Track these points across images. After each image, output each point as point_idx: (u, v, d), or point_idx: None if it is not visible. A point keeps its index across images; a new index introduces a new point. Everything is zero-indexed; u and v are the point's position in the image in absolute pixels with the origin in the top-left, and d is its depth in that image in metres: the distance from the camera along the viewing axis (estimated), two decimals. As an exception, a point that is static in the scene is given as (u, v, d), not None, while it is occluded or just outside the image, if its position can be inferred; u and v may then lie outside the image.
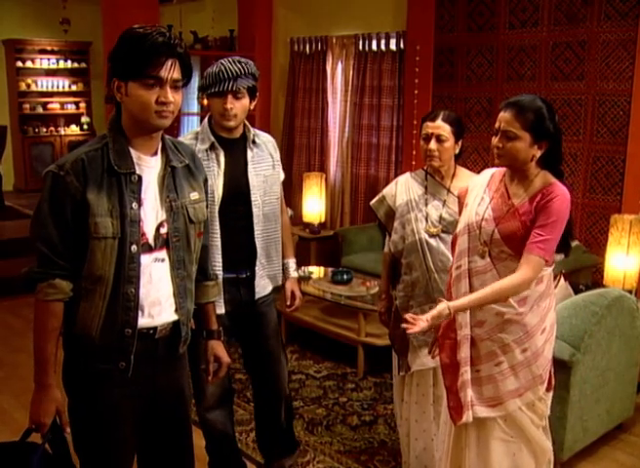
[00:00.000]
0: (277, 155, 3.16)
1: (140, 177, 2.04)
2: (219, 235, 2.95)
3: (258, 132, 3.11)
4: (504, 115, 2.44)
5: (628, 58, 4.84)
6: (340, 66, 6.95)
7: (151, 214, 2.08)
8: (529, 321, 2.48)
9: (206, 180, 2.32)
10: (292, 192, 7.13)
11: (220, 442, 3.27)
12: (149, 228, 2.07)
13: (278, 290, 3.27)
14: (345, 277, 5.13)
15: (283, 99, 7.50)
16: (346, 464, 3.61)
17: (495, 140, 2.48)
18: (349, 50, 6.77)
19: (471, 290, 2.54)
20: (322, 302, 5.18)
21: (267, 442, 3.46)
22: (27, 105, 10.87)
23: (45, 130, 11.06)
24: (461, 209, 2.72)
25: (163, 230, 2.10)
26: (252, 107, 2.98)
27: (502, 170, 2.60)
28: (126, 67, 1.96)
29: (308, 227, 6.80)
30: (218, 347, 2.44)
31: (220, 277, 2.96)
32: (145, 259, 2.07)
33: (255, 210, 3.00)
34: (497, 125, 2.48)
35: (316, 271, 5.65)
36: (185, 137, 3.04)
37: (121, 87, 1.98)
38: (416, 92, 6.17)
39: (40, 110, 11.04)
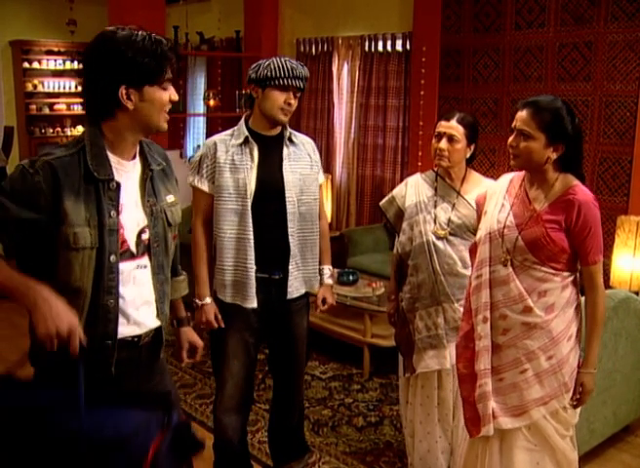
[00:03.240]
0: (316, 157, 3.15)
1: (118, 184, 1.97)
2: (251, 231, 2.94)
3: (296, 132, 3.12)
4: (521, 114, 2.42)
5: (635, 60, 4.82)
6: (346, 67, 6.94)
7: (132, 220, 2.02)
8: (555, 327, 2.44)
9: (176, 181, 2.27)
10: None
11: (227, 446, 3.26)
12: (130, 235, 2.02)
13: (312, 296, 3.24)
14: (351, 278, 5.13)
15: (289, 100, 7.49)
16: (352, 465, 3.60)
17: (510, 139, 2.46)
18: (355, 51, 6.77)
19: (492, 300, 2.51)
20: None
21: (279, 445, 3.46)
22: (34, 106, 10.87)
23: (52, 130, 11.05)
24: (480, 216, 2.69)
25: (145, 236, 2.05)
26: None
27: (521, 174, 2.57)
28: (144, 73, 1.90)
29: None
30: (189, 332, 2.44)
31: (254, 274, 2.96)
32: (128, 267, 2.01)
33: (289, 207, 2.98)
34: (513, 123, 2.45)
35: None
36: (221, 134, 3.06)
37: (132, 93, 1.91)
38: (422, 93, 6.16)
39: (47, 111, 11.03)
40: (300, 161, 3.06)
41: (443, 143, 3.01)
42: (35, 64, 10.84)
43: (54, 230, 1.88)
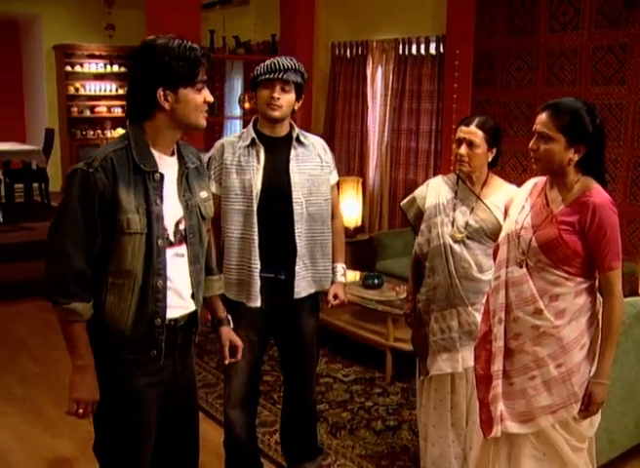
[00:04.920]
0: (328, 157, 3.15)
1: (162, 175, 2.16)
2: (256, 231, 2.97)
3: (306, 133, 3.13)
4: (541, 116, 2.39)
5: (671, 62, 4.72)
6: (380, 71, 6.93)
7: (171, 210, 2.18)
8: (566, 335, 2.39)
9: (209, 179, 2.45)
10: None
11: (235, 442, 3.28)
12: (169, 224, 2.18)
13: (321, 296, 3.24)
14: (376, 281, 5.10)
15: (324, 104, 7.50)
16: (367, 469, 3.59)
17: (530, 143, 2.43)
18: (389, 54, 6.75)
19: (507, 301, 2.48)
20: (353, 306, 5.15)
21: (291, 445, 3.46)
22: (75, 109, 11.12)
23: (92, 133, 11.29)
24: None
25: (181, 226, 2.22)
26: (296, 107, 3.01)
27: (545, 178, 2.54)
28: (179, 76, 2.08)
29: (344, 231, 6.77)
30: (230, 332, 2.55)
31: (258, 273, 2.98)
32: (167, 253, 2.17)
33: (296, 207, 2.99)
34: (534, 127, 2.43)
35: (349, 275, 5.59)
36: (230, 137, 3.11)
37: (168, 95, 2.09)
38: (455, 96, 6.09)
39: (88, 113, 11.28)
40: (309, 162, 3.05)
41: (463, 149, 2.99)
42: (77, 68, 11.08)
43: (112, 217, 2.06)
